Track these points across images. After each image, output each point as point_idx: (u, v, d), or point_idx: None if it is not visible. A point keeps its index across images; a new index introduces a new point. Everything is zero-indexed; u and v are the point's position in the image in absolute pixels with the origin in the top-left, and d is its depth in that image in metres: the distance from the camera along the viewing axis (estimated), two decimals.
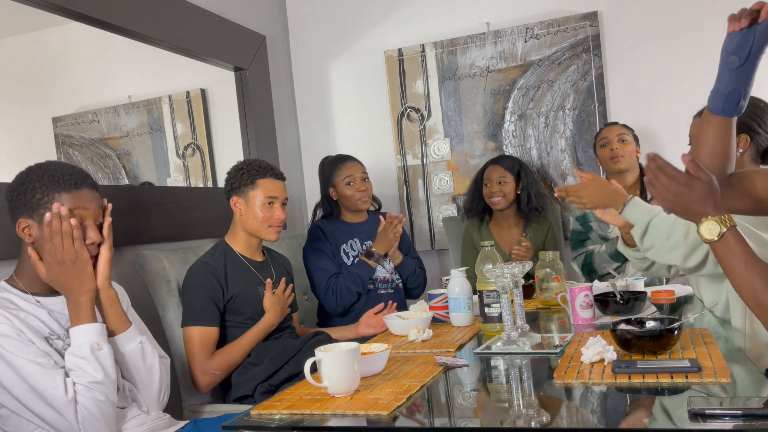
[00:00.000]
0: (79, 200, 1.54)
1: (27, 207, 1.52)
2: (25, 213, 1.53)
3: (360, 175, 2.66)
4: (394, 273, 2.70)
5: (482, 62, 3.26)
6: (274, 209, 2.10)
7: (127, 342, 1.60)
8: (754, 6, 1.34)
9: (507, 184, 2.86)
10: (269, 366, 1.93)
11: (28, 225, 1.53)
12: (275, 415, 1.26)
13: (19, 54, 2.12)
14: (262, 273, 2.14)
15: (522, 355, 1.56)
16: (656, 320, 1.49)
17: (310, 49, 3.57)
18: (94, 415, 1.45)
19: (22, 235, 1.54)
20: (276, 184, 2.13)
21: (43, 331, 1.51)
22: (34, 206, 1.52)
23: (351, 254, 2.64)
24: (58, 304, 1.57)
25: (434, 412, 1.29)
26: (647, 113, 3.06)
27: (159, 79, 2.72)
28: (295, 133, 3.59)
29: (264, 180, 2.11)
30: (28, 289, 1.57)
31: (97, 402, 1.46)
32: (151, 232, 2.34)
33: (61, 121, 2.27)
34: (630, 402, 1.17)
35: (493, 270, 1.64)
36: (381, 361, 1.46)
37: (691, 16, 3.00)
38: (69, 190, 1.53)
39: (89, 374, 1.46)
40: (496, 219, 2.98)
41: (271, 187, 2.11)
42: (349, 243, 2.66)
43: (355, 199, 2.64)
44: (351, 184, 2.64)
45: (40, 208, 1.51)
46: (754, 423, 1.00)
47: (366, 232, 2.71)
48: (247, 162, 2.17)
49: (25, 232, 1.54)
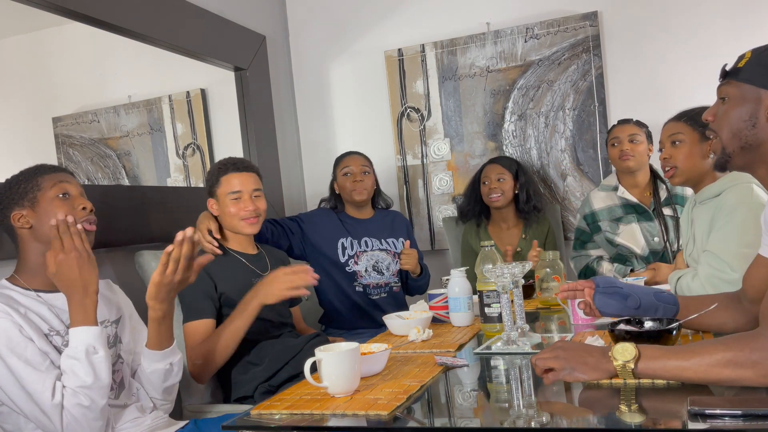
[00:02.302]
0: (60, 177, 1.63)
1: (15, 198, 1.59)
2: (16, 205, 1.58)
3: (359, 168, 2.66)
4: (395, 275, 2.68)
5: (482, 62, 3.26)
6: (241, 202, 2.09)
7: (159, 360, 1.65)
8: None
9: (506, 181, 2.86)
10: (269, 366, 1.93)
11: (22, 214, 1.58)
12: (275, 415, 1.26)
13: (19, 54, 2.13)
14: (255, 265, 2.14)
15: (522, 355, 1.56)
16: (655, 320, 1.49)
17: (310, 49, 3.57)
18: (78, 420, 1.46)
19: (19, 225, 1.58)
20: (239, 177, 2.10)
21: (42, 327, 1.52)
22: (21, 194, 1.58)
23: (348, 252, 2.62)
24: (58, 300, 1.58)
25: (434, 412, 1.29)
26: (647, 113, 3.05)
27: (159, 79, 2.72)
28: (295, 133, 3.59)
29: (226, 176, 2.11)
30: (29, 286, 1.58)
31: (81, 408, 1.45)
32: (151, 232, 2.34)
33: (61, 121, 2.27)
34: (630, 402, 1.17)
35: (493, 270, 1.63)
36: (381, 361, 1.46)
37: (691, 16, 3.00)
38: (49, 172, 1.63)
39: (79, 378, 1.46)
40: (495, 221, 2.97)
41: (233, 181, 2.10)
42: (349, 240, 2.65)
43: (349, 190, 2.65)
44: (347, 176, 2.66)
45: (28, 193, 1.58)
46: (754, 423, 1.00)
47: (372, 229, 2.70)
48: (215, 163, 2.18)
49: (21, 221, 1.58)
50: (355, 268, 2.62)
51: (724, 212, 1.82)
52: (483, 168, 2.95)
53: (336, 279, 2.62)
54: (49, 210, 1.58)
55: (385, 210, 2.84)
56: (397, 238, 2.75)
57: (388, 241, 2.72)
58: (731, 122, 1.33)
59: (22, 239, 1.60)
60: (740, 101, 1.31)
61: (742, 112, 1.31)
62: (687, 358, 1.18)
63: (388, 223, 2.78)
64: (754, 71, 1.30)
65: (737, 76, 1.32)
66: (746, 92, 1.30)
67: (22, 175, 1.63)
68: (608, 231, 2.70)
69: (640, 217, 2.66)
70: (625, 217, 2.68)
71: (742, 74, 1.31)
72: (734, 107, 1.32)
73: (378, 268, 2.65)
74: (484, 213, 2.98)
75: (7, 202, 1.60)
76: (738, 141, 1.32)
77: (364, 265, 2.63)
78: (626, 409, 1.14)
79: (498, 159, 2.96)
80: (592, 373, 1.26)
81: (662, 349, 1.24)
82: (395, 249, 2.71)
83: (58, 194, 1.60)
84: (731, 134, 1.33)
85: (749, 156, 1.33)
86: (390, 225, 2.78)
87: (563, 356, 1.28)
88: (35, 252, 1.59)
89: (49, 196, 1.59)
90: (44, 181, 1.61)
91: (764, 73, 1.28)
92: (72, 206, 1.61)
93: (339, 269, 2.62)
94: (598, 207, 2.75)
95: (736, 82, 1.32)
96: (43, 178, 1.61)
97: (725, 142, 1.35)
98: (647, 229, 2.64)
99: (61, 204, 1.60)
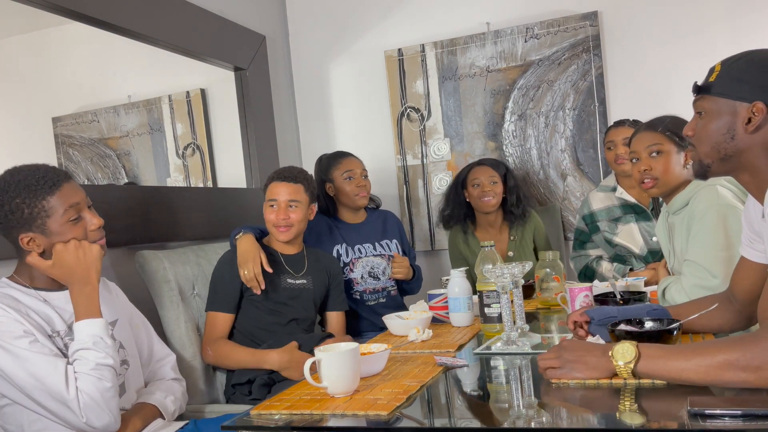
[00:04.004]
0: (66, 196, 1.54)
1: (21, 223, 1.51)
2: (23, 228, 1.52)
3: (360, 171, 2.64)
4: (391, 280, 2.64)
5: (482, 62, 3.26)
6: (274, 211, 2.16)
7: None
8: None
9: (498, 184, 2.80)
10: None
11: (31, 238, 1.52)
12: (275, 415, 1.26)
13: (19, 54, 2.12)
14: (290, 264, 2.20)
15: (522, 355, 1.56)
16: (655, 320, 1.49)
17: (310, 49, 3.57)
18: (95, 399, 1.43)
19: (29, 247, 1.53)
20: (278, 187, 2.19)
21: (45, 329, 1.51)
22: (27, 220, 1.51)
23: (343, 260, 2.57)
24: (61, 299, 1.57)
25: (434, 412, 1.29)
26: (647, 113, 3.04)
27: (159, 79, 2.72)
28: (295, 133, 3.59)
29: (271, 184, 2.22)
30: (31, 285, 1.57)
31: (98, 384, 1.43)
32: (151, 232, 2.34)
33: (61, 121, 2.27)
34: (630, 402, 1.17)
35: (493, 270, 1.63)
36: (381, 361, 1.46)
37: (691, 15, 3.00)
38: (52, 192, 1.52)
39: (91, 361, 1.44)
40: (481, 225, 2.89)
41: (273, 190, 2.20)
42: (344, 246, 2.60)
43: (353, 195, 2.60)
44: (350, 179, 2.61)
45: (36, 220, 1.51)
46: (754, 423, 1.00)
47: (365, 233, 2.66)
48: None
49: (31, 245, 1.53)
50: (351, 275, 2.58)
51: (696, 219, 1.83)
52: (469, 170, 2.85)
53: None
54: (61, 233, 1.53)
55: (375, 210, 2.79)
56: (390, 240, 2.71)
57: (381, 244, 2.67)
58: (710, 136, 1.34)
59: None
60: (717, 115, 1.33)
61: (719, 125, 1.32)
62: (688, 358, 1.18)
63: (379, 225, 2.73)
64: (725, 85, 1.32)
65: (710, 90, 1.34)
66: (721, 106, 1.32)
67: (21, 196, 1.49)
68: (607, 231, 2.71)
69: (638, 217, 2.66)
70: (623, 217, 2.69)
71: (714, 88, 1.33)
72: (711, 121, 1.34)
73: (374, 274, 2.61)
74: (470, 218, 2.90)
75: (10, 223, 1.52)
76: (717, 153, 1.34)
77: (360, 272, 2.59)
78: (626, 409, 1.14)
79: (485, 161, 2.88)
80: (592, 372, 1.26)
81: (663, 348, 1.24)
82: (389, 252, 2.67)
83: (69, 219, 1.54)
84: (710, 147, 1.35)
85: (729, 164, 1.34)
86: (382, 227, 2.73)
87: (565, 356, 1.29)
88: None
89: (60, 222, 1.53)
90: (51, 204, 1.51)
91: (735, 85, 1.30)
92: (84, 228, 1.56)
93: None
94: (596, 207, 2.76)
95: (710, 97, 1.34)
96: (48, 201, 1.51)
97: (703, 155, 1.37)
98: (645, 229, 2.64)
99: (73, 228, 1.55)
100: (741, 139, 1.30)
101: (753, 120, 1.28)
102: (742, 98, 1.29)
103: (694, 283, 1.78)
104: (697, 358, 1.17)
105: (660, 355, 1.22)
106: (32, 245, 1.52)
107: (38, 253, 1.53)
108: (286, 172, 2.22)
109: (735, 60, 1.32)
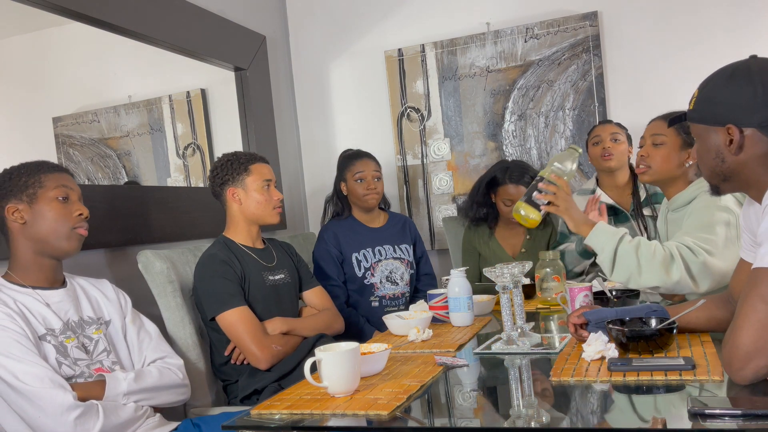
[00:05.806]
0: (63, 179, 1.64)
1: (14, 190, 1.57)
2: (13, 197, 1.57)
3: (371, 174, 2.64)
4: (408, 285, 2.64)
5: (482, 62, 3.26)
6: (271, 191, 2.15)
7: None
8: None
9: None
10: (277, 370, 1.95)
11: (18, 209, 1.57)
12: (275, 415, 1.26)
13: (19, 54, 2.13)
14: (264, 259, 2.16)
15: (522, 355, 1.57)
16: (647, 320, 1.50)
17: (310, 49, 3.57)
18: None
19: (12, 218, 1.57)
20: (267, 167, 2.19)
21: (38, 329, 1.52)
22: (21, 188, 1.57)
23: (363, 265, 2.56)
24: (56, 297, 1.59)
25: (434, 412, 1.29)
26: (647, 113, 3.02)
27: (159, 79, 2.72)
28: (295, 133, 3.59)
29: (256, 165, 2.16)
30: (25, 282, 1.58)
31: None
32: (151, 232, 2.34)
33: (61, 121, 2.27)
34: (630, 402, 1.17)
35: (493, 270, 1.64)
36: (381, 361, 1.46)
37: (691, 15, 3.00)
38: (52, 171, 1.63)
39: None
40: (500, 226, 2.85)
41: (264, 170, 2.16)
42: (362, 252, 2.60)
43: (361, 196, 2.62)
44: (360, 181, 2.62)
45: (28, 189, 1.57)
46: (754, 423, 1.01)
47: (384, 238, 2.66)
48: (230, 154, 2.19)
49: (15, 215, 1.57)
50: (372, 280, 2.59)
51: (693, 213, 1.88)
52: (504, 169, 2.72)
53: (353, 294, 2.60)
54: (46, 210, 1.58)
55: (394, 215, 2.81)
56: (409, 245, 2.73)
57: (401, 248, 2.68)
58: (705, 162, 1.37)
59: (13, 234, 1.59)
60: (704, 141, 1.35)
61: (708, 151, 1.34)
62: None
63: (398, 229, 2.74)
64: (702, 110, 1.33)
65: (692, 118, 1.36)
66: (703, 132, 1.34)
67: (24, 168, 1.62)
68: None
69: (617, 219, 2.67)
70: None
71: (694, 115, 1.36)
72: (701, 147, 1.37)
73: (392, 279, 2.61)
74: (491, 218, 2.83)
75: (3, 192, 1.59)
76: (717, 176, 1.36)
77: (379, 277, 2.59)
78: (626, 409, 1.15)
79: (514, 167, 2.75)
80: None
81: None
82: (409, 257, 2.68)
83: (58, 196, 1.60)
84: (709, 172, 1.37)
85: (734, 183, 1.35)
86: (401, 231, 2.74)
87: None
88: (26, 250, 1.59)
89: (49, 196, 1.59)
90: (47, 179, 1.61)
91: (711, 108, 1.31)
92: (69, 211, 1.62)
93: (355, 283, 2.59)
94: None
95: (693, 125, 1.37)
96: (46, 176, 1.61)
97: (707, 178, 1.40)
98: None
99: (59, 207, 1.60)
100: (731, 160, 1.31)
101: (734, 142, 1.28)
102: (717, 122, 1.30)
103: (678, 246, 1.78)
104: None
105: None
106: (16, 216, 1.57)
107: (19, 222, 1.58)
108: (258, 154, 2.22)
109: (708, 81, 1.34)
